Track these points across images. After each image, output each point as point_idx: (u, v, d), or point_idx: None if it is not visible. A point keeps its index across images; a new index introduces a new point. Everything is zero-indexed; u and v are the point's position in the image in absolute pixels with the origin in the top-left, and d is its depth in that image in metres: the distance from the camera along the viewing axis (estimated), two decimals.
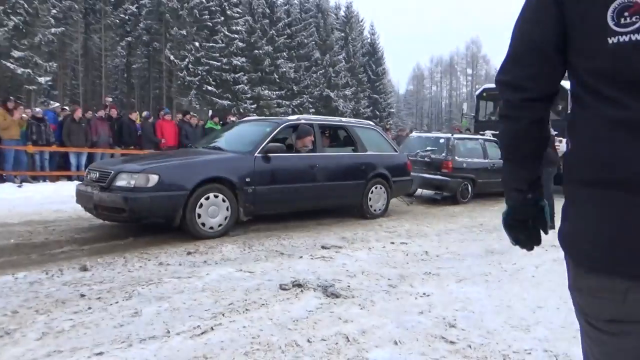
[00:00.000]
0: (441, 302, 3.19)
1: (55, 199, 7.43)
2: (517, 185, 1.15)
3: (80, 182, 5.63)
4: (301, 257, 4.37)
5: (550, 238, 4.15)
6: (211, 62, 34.50)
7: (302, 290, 3.33)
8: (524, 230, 1.21)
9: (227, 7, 36.59)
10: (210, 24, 35.38)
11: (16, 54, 24.44)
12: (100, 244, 4.68)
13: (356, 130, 7.07)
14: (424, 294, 3.38)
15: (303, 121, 6.51)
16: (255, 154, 5.60)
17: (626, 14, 0.86)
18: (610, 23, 0.88)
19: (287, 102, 38.12)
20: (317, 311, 2.96)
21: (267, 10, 39.19)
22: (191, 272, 3.73)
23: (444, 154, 8.68)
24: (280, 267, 3.96)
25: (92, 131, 10.04)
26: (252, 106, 36.11)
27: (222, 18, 35.87)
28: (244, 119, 9.03)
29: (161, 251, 4.42)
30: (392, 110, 47.55)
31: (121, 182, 4.79)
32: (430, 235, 5.66)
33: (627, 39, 0.86)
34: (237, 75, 35.88)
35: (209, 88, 34.43)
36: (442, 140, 9.06)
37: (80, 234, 5.13)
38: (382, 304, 3.15)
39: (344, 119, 7.77)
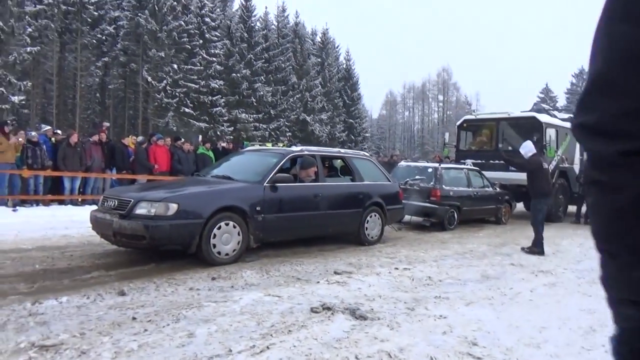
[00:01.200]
0: (458, 323, 3.59)
1: (56, 224, 7.54)
2: (630, 293, 0.69)
3: (95, 209, 5.79)
4: (318, 282, 4.71)
5: (536, 262, 4.87)
6: (189, 84, 34.68)
7: (332, 313, 3.67)
8: None
9: (206, 31, 37.02)
10: (189, 47, 35.62)
11: None
12: (125, 270, 4.90)
13: (353, 161, 7.48)
14: (441, 316, 3.77)
15: (306, 152, 6.87)
16: (265, 184, 5.88)
17: None
18: None
19: (264, 126, 38.50)
20: (353, 332, 3.30)
21: (245, 35, 39.77)
22: (224, 297, 4.02)
23: (432, 183, 9.18)
24: (304, 292, 4.28)
25: (86, 155, 10.17)
26: (229, 129, 36.36)
27: (201, 41, 36.23)
28: (247, 148, 9.35)
29: (186, 277, 4.68)
30: (367, 134, 48.51)
31: (141, 210, 5.01)
32: (428, 261, 6.08)
33: None
34: (214, 98, 36.14)
35: (187, 110, 34.53)
36: (430, 170, 9.59)
37: (101, 260, 5.33)
38: (407, 325, 3.51)
39: (342, 150, 8.17)
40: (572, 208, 12.38)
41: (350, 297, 4.16)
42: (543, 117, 11.29)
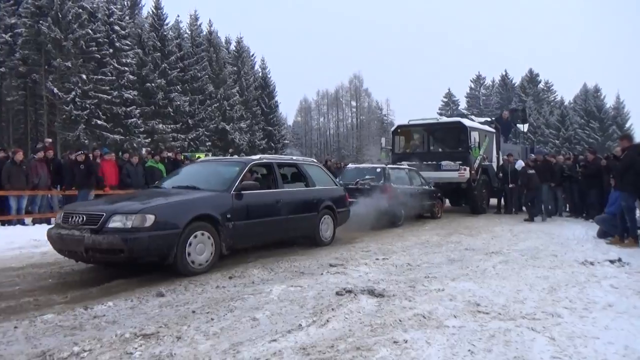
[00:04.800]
0: (456, 293, 4.44)
1: (4, 246, 7.28)
2: None
3: (55, 226, 5.54)
4: (322, 274, 5.35)
5: (483, 246, 6.20)
6: (100, 95, 33.26)
7: (355, 295, 4.34)
8: None
9: (116, 39, 35.73)
10: (98, 56, 34.17)
11: None
12: (141, 278, 5.17)
13: (305, 167, 7.93)
14: (439, 289, 4.60)
15: (265, 160, 7.23)
16: (232, 192, 6.05)
17: None
18: None
19: (183, 136, 37.87)
20: (382, 305, 4.02)
21: (158, 43, 38.89)
22: (255, 290, 4.54)
23: (381, 181, 10.09)
24: (318, 282, 4.91)
25: (32, 173, 9.85)
26: (146, 140, 35.33)
27: (111, 50, 34.88)
28: (203, 158, 9.57)
29: (202, 279, 5.10)
30: (287, 141, 49.37)
31: (116, 223, 4.89)
32: (399, 252, 6.94)
33: None
34: (128, 109, 34.93)
35: (99, 122, 33.04)
36: (378, 170, 10.57)
37: (103, 272, 5.52)
38: (419, 297, 4.30)
39: (293, 157, 8.43)
40: (493, 201, 14.14)
41: (359, 282, 4.87)
42: (467, 122, 12.81)
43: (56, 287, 4.77)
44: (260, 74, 48.55)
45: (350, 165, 12.50)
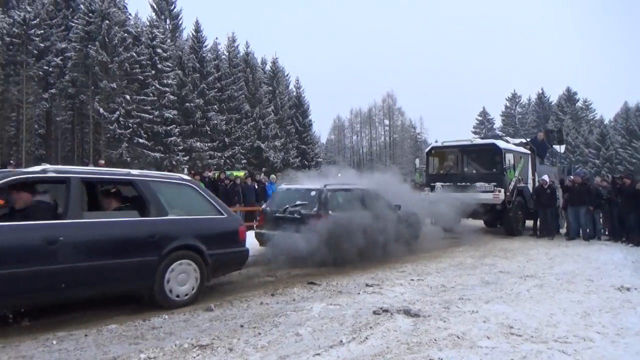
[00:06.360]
0: (489, 315, 4.60)
1: None
2: None
3: None
4: (359, 293, 5.60)
5: (518, 270, 6.35)
6: (142, 114, 34.72)
7: (391, 314, 4.57)
8: None
9: (158, 61, 37.26)
10: (141, 77, 35.73)
11: None
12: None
13: (151, 187, 5.19)
14: (472, 311, 4.77)
15: (52, 173, 4.57)
16: None
17: None
18: None
19: (219, 154, 38.96)
20: (418, 325, 4.23)
21: (197, 65, 40.38)
22: (296, 307, 4.84)
23: (315, 209, 7.82)
24: (355, 301, 5.16)
25: None
26: (185, 158, 36.54)
27: (153, 72, 36.43)
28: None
29: (250, 295, 5.43)
30: (320, 159, 49.91)
31: None
32: (433, 273, 7.10)
33: None
34: (169, 128, 36.27)
35: (141, 141, 34.46)
36: (313, 193, 8.06)
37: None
38: (453, 318, 4.49)
39: (134, 171, 5.49)
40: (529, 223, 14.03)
41: (395, 302, 5.09)
42: (501, 144, 12.82)
43: (112, 300, 5.17)
44: (294, 93, 49.50)
45: (282, 186, 9.65)
